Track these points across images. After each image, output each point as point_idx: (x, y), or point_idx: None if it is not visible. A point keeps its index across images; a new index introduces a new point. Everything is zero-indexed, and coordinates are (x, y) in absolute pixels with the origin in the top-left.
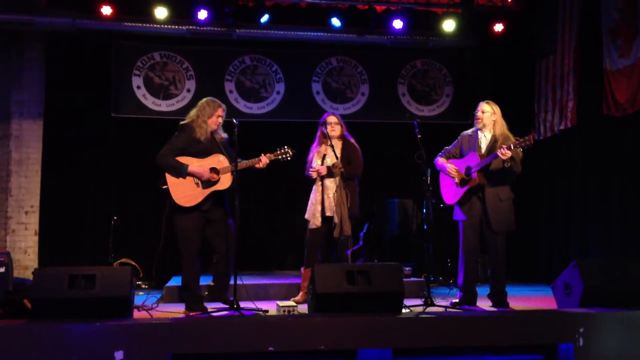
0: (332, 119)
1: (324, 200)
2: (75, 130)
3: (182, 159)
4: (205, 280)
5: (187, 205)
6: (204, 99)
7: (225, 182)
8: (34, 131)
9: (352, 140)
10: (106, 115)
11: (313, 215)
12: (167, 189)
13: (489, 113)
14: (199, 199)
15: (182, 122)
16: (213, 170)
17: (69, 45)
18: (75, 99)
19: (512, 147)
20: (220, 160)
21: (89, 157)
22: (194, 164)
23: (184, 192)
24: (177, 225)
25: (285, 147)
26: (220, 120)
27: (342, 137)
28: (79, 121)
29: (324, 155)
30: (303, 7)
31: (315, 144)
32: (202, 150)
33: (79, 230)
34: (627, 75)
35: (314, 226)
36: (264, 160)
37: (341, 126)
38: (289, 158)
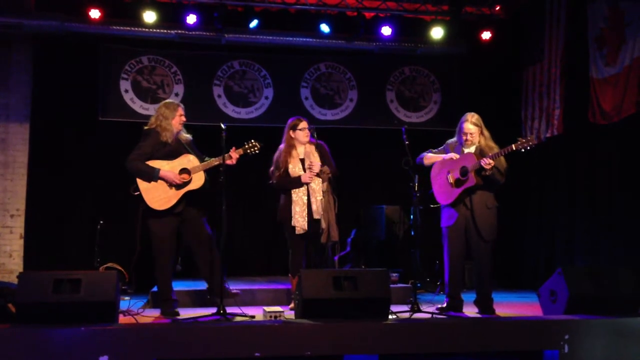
0: (305, 123)
1: (310, 204)
2: (62, 133)
3: (152, 163)
4: (189, 286)
5: (162, 208)
6: (162, 103)
7: (197, 181)
8: (20, 134)
9: (321, 142)
10: (93, 118)
11: (302, 219)
12: (140, 195)
13: (476, 133)
14: (173, 201)
15: (145, 127)
16: (184, 171)
17: (57, 49)
18: (62, 102)
19: (514, 149)
20: (190, 160)
21: (75, 160)
22: (165, 167)
23: (157, 196)
24: (151, 230)
25: (252, 140)
26: (184, 119)
27: (309, 140)
28: (66, 124)
29: (302, 160)
30: (292, 13)
31: (279, 151)
32: (170, 152)
33: (64, 234)
34: (613, 84)
35: (302, 231)
36: (234, 155)
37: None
38: (256, 151)
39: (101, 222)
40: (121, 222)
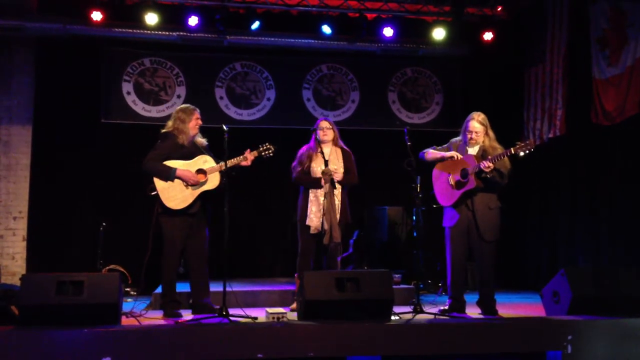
0: (324, 123)
1: (323, 207)
2: (64, 135)
3: (169, 163)
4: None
5: (178, 208)
6: (179, 107)
7: (213, 181)
8: (23, 136)
9: (348, 149)
10: (96, 120)
11: (317, 219)
12: (156, 195)
13: (481, 132)
14: (189, 201)
15: (163, 131)
16: (200, 171)
17: (59, 51)
18: (65, 104)
19: (513, 152)
20: (206, 161)
21: (78, 162)
22: (181, 167)
23: (174, 196)
24: (163, 230)
25: (267, 143)
26: (200, 122)
27: (336, 143)
28: (69, 127)
29: (327, 162)
30: (294, 15)
31: (305, 148)
32: (186, 154)
33: (67, 236)
34: (615, 84)
35: (316, 231)
36: (249, 157)
37: (334, 131)
38: (271, 154)
39: (104, 224)
40: (124, 224)
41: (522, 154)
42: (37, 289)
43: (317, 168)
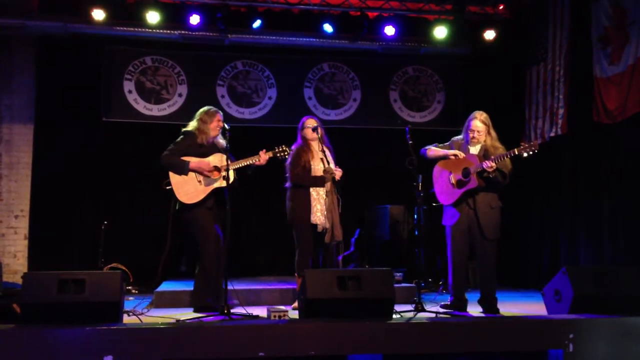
0: (313, 122)
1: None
2: (66, 134)
3: (184, 158)
4: (191, 286)
5: (191, 202)
6: (202, 109)
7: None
8: (24, 135)
9: (331, 147)
10: (97, 119)
11: (323, 217)
12: (171, 189)
13: (484, 131)
14: (201, 196)
15: (184, 129)
16: (215, 168)
17: (60, 50)
18: (66, 103)
19: (517, 153)
20: (221, 159)
21: (79, 161)
22: (195, 161)
23: (187, 190)
24: (196, 222)
25: (283, 145)
26: (221, 124)
27: (322, 140)
28: (70, 125)
29: (322, 160)
30: (295, 13)
31: (298, 147)
32: (204, 153)
33: (69, 234)
34: (617, 83)
35: (321, 229)
36: (263, 157)
37: (321, 128)
38: (286, 156)
39: (105, 222)
40: (125, 222)
41: (525, 154)
42: (38, 287)
43: (317, 166)
